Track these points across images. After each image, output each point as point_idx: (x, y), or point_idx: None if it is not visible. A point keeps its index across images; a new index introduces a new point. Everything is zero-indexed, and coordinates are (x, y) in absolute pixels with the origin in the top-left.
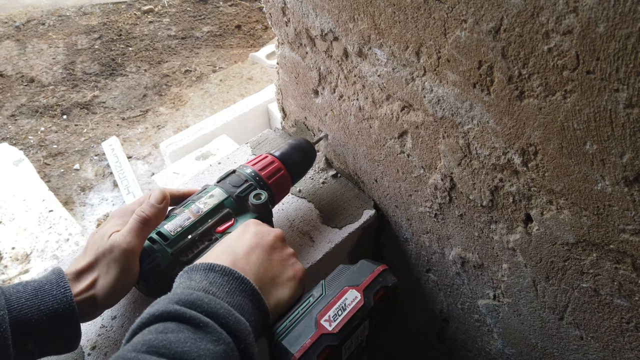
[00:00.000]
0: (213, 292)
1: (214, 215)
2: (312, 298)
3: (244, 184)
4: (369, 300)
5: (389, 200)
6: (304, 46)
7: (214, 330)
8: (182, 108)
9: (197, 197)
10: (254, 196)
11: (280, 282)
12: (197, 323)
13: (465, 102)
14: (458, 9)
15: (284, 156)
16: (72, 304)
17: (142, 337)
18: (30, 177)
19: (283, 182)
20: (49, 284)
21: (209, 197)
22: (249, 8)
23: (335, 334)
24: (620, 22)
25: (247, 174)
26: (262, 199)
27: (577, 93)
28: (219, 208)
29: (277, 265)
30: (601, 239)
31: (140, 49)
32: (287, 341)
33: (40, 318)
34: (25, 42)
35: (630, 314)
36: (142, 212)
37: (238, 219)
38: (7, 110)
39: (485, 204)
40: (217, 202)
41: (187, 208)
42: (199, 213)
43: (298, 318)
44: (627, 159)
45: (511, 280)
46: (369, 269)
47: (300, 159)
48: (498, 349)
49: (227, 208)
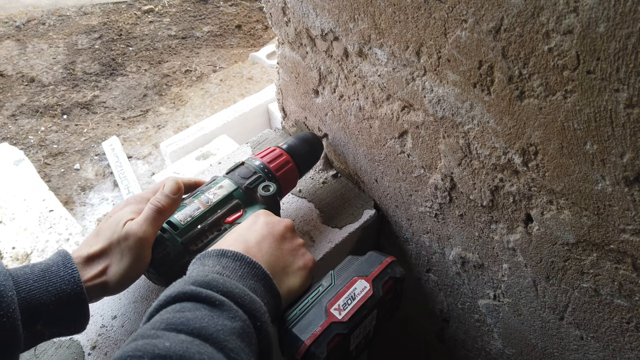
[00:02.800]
0: (227, 275)
1: (223, 206)
2: (321, 287)
3: (253, 176)
4: (377, 291)
5: (389, 200)
6: (304, 46)
7: (230, 308)
8: (182, 108)
9: (206, 187)
10: (262, 188)
11: (290, 270)
12: (214, 301)
13: (466, 102)
14: (458, 9)
15: (291, 149)
16: (80, 284)
17: (160, 317)
18: (30, 177)
19: (291, 175)
20: (55, 265)
21: (219, 187)
22: (249, 8)
23: (345, 323)
24: (620, 22)
25: (256, 166)
26: (270, 190)
27: (578, 93)
28: (228, 199)
29: (288, 254)
30: (601, 239)
31: (140, 49)
32: (298, 329)
33: (49, 299)
34: (26, 42)
35: (630, 314)
36: (157, 202)
37: (247, 210)
38: (7, 110)
39: (486, 204)
40: (226, 193)
41: (197, 198)
42: (209, 203)
43: (308, 306)
44: (627, 159)
45: (511, 280)
46: (377, 260)
47: (308, 152)
48: (498, 349)
49: (236, 199)
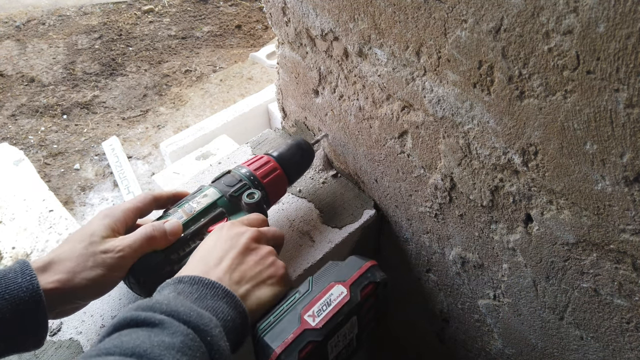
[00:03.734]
0: (181, 298)
1: (206, 214)
2: (297, 294)
3: (238, 184)
4: (355, 296)
5: (389, 200)
6: (304, 46)
7: (171, 325)
8: (182, 108)
9: (191, 197)
10: (247, 195)
11: (259, 281)
12: (153, 321)
13: (466, 102)
14: (458, 9)
15: (281, 156)
16: (39, 292)
17: (97, 348)
18: (30, 177)
19: (279, 182)
20: (13, 272)
21: (203, 196)
22: (249, 8)
23: (319, 330)
24: (620, 22)
25: (242, 173)
26: (255, 198)
27: (578, 93)
28: (212, 207)
29: (254, 265)
30: (601, 239)
31: (140, 49)
32: (270, 337)
33: (5, 307)
34: (26, 42)
35: (630, 314)
36: (155, 232)
37: (231, 217)
38: (7, 110)
39: (486, 204)
40: (210, 201)
41: (181, 207)
42: (192, 212)
43: (282, 314)
44: (627, 159)
45: (511, 280)
46: (356, 265)
47: (298, 159)
48: (498, 349)
49: (220, 207)
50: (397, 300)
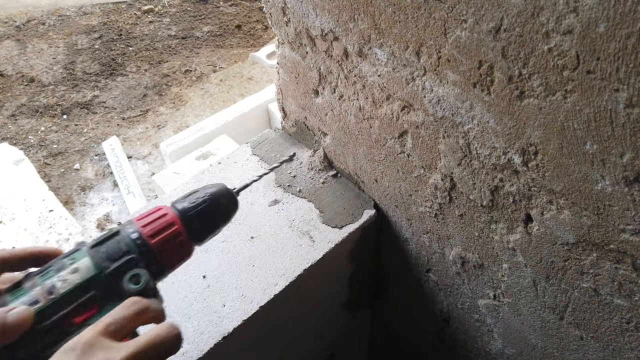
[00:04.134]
0: None
1: (72, 301)
2: None
3: (122, 258)
4: None
5: (389, 200)
6: (304, 46)
7: None
8: (182, 108)
9: (61, 264)
10: (130, 279)
11: None
12: None
13: (466, 102)
14: (458, 9)
15: (186, 211)
16: None
17: None
18: (30, 177)
19: (176, 245)
20: None
21: (72, 271)
22: (249, 8)
23: None
24: (620, 22)
25: (131, 240)
26: (140, 283)
27: (578, 93)
28: (80, 290)
29: None
30: (601, 239)
31: (140, 49)
32: None
33: None
34: (26, 42)
35: (630, 314)
36: None
37: (105, 306)
38: (7, 110)
39: (486, 203)
40: (79, 281)
41: (41, 284)
42: (52, 296)
43: None
44: (627, 159)
45: (511, 280)
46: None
47: (210, 213)
48: (498, 349)
49: (92, 291)
50: (397, 300)
